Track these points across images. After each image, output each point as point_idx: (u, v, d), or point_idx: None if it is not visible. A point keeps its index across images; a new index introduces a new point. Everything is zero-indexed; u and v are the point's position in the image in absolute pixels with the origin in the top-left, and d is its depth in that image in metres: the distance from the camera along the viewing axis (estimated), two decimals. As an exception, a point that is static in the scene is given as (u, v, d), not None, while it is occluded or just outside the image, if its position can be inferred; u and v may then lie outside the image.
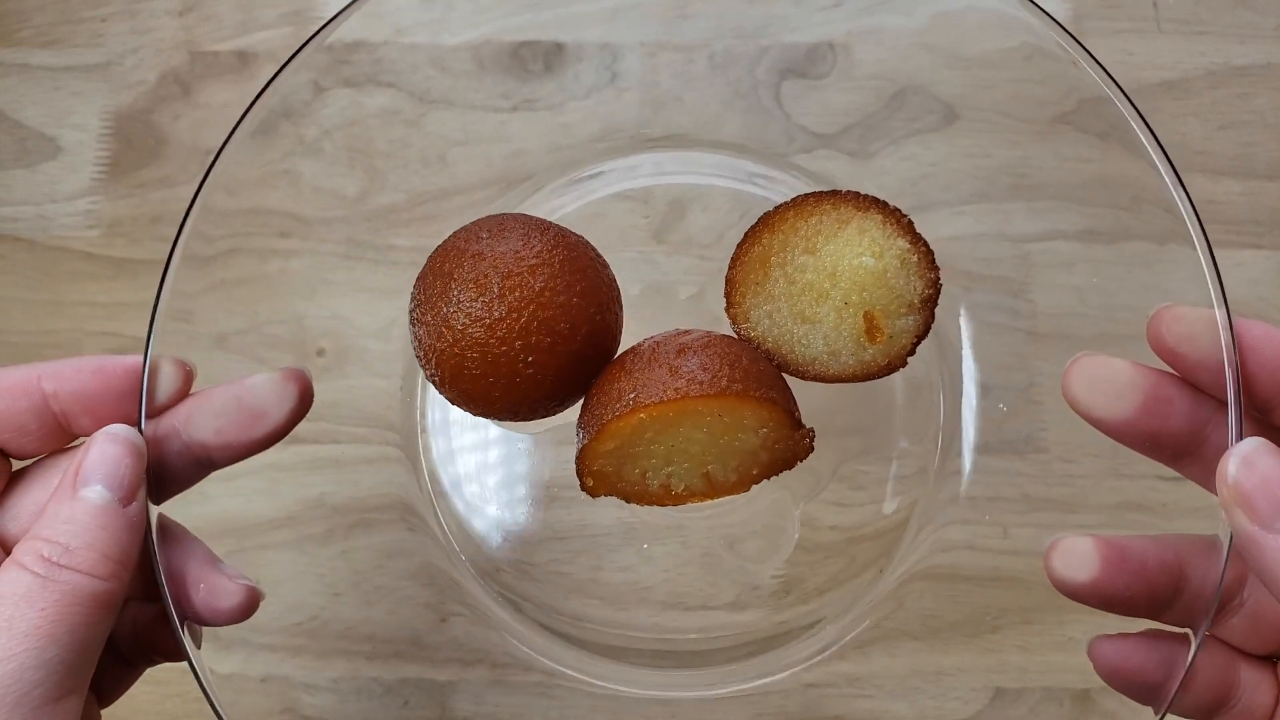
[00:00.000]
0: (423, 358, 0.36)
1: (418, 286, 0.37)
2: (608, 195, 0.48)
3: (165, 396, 0.32)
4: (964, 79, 0.45)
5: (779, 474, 0.35)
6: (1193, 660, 0.30)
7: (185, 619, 0.31)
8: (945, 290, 0.36)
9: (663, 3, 0.49)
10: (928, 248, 0.36)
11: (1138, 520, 0.43)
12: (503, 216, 0.38)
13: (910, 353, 0.36)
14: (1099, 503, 0.43)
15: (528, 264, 0.35)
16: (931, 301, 0.36)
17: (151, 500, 0.31)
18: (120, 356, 0.32)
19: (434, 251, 0.37)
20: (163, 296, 0.33)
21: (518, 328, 0.34)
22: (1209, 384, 0.30)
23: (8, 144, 0.50)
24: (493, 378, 0.35)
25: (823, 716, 0.43)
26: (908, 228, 0.36)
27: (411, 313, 0.37)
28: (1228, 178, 0.48)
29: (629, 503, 0.36)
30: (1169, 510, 0.43)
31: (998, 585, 0.44)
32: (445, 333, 0.35)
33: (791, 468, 0.35)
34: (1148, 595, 0.31)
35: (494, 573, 0.45)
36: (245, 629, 0.32)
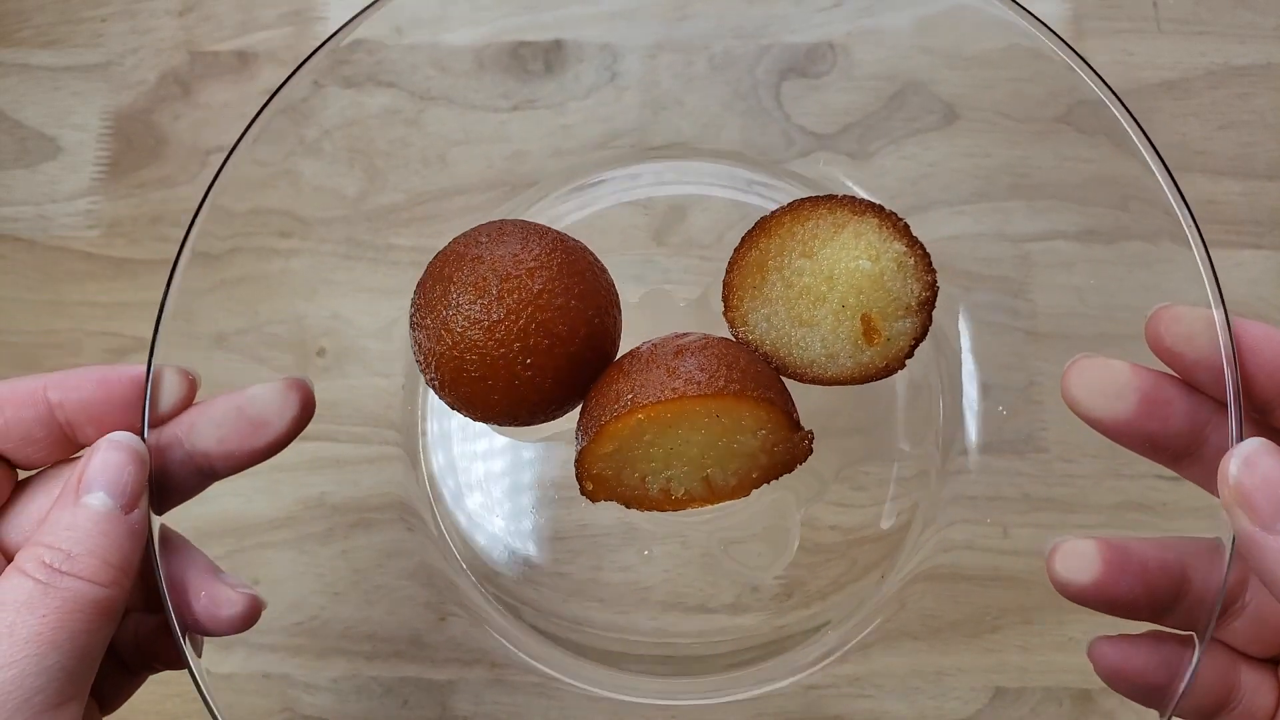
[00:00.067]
0: (422, 362, 0.36)
1: (417, 292, 0.37)
2: (609, 206, 0.48)
3: (169, 405, 0.32)
4: (964, 78, 0.45)
5: (779, 478, 0.36)
6: (1196, 666, 0.30)
7: (186, 628, 0.31)
8: (945, 290, 0.36)
9: (663, 3, 0.49)
10: (924, 251, 0.36)
11: (1138, 520, 0.43)
12: (501, 222, 0.38)
13: (908, 355, 0.36)
14: (1099, 502, 0.43)
15: (526, 267, 0.35)
16: (929, 304, 0.36)
17: (154, 510, 0.31)
18: (125, 366, 0.32)
19: (434, 257, 0.37)
20: (170, 296, 0.34)
21: (516, 330, 0.34)
22: (1208, 384, 0.30)
23: (8, 144, 0.50)
24: (491, 380, 0.35)
25: (823, 716, 0.43)
26: (904, 231, 0.36)
27: (411, 318, 0.37)
28: (1228, 178, 0.48)
29: (629, 508, 0.36)
30: (1169, 510, 0.43)
31: (998, 585, 0.44)
32: (444, 335, 0.35)
33: (791, 471, 0.35)
34: (1149, 597, 0.31)
35: (492, 576, 0.45)
36: (245, 628, 0.32)
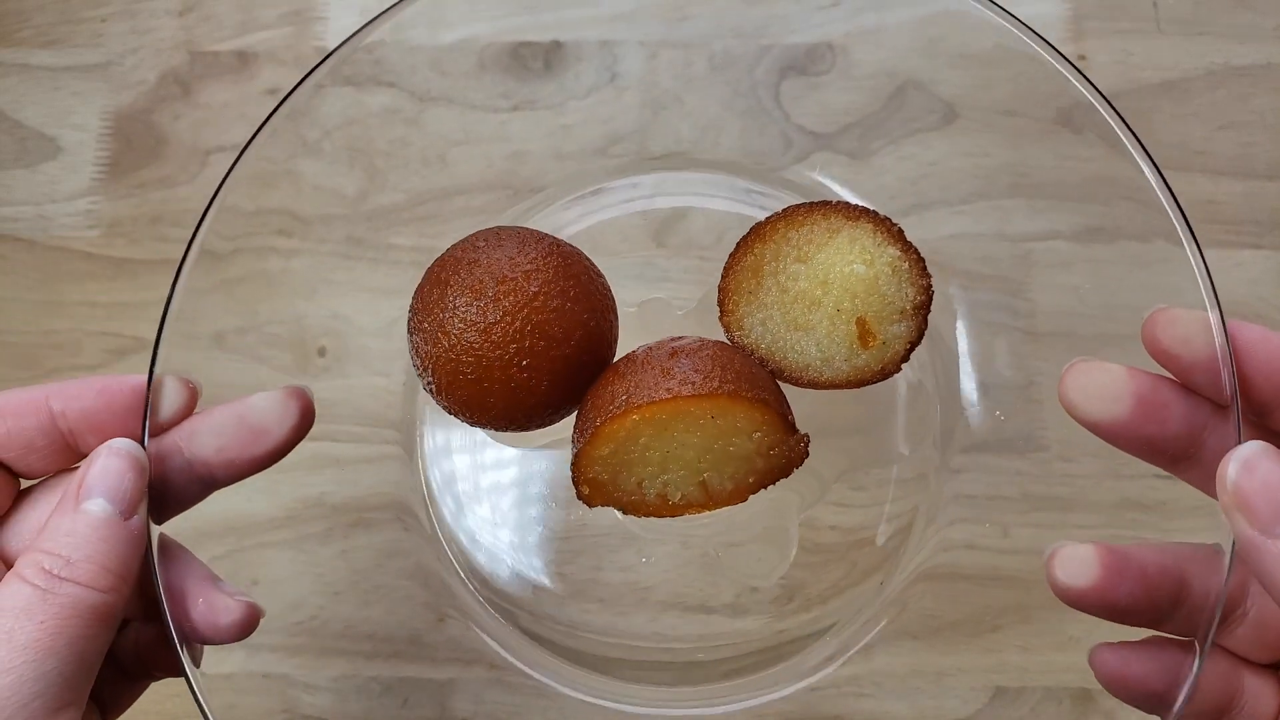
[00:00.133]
0: (419, 366, 0.37)
1: (415, 297, 0.37)
2: (610, 217, 0.49)
3: (169, 414, 0.32)
4: (963, 78, 0.45)
5: (776, 483, 0.36)
6: (1198, 672, 0.30)
7: (185, 636, 0.31)
8: (945, 290, 0.36)
9: (663, 3, 0.49)
10: (919, 255, 0.36)
11: (1138, 519, 0.43)
12: (498, 229, 0.38)
13: (904, 359, 0.37)
14: (1099, 501, 0.43)
15: (522, 270, 0.35)
16: (924, 308, 0.36)
17: (154, 519, 0.31)
18: (126, 375, 0.32)
19: (432, 263, 0.38)
20: (175, 295, 0.34)
21: (512, 332, 0.35)
22: (1205, 387, 0.30)
23: (8, 144, 0.50)
24: (487, 383, 0.35)
25: (823, 716, 0.43)
26: (898, 236, 0.36)
27: (409, 322, 0.37)
28: (1228, 178, 0.48)
29: (626, 514, 0.36)
30: (1169, 509, 0.43)
31: (998, 585, 0.44)
32: (441, 338, 0.35)
33: (787, 476, 0.36)
34: (1149, 603, 0.30)
35: (487, 580, 0.45)
36: (245, 628, 0.32)
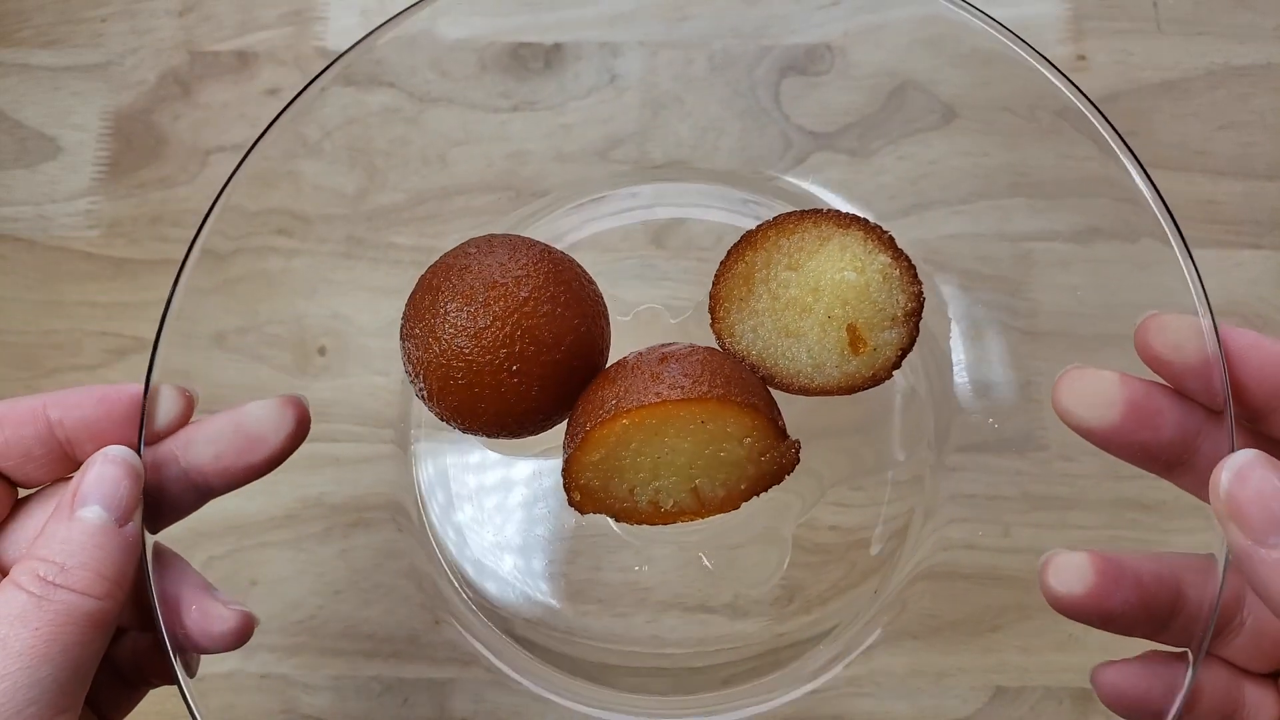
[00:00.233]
0: (412, 371, 0.37)
1: (408, 304, 0.38)
2: (609, 228, 0.49)
3: (166, 422, 0.32)
4: (963, 77, 0.45)
5: (768, 489, 0.36)
6: (1192, 681, 0.30)
7: (178, 644, 0.31)
8: (944, 289, 0.36)
9: (663, 3, 0.49)
10: (910, 263, 0.37)
11: (1137, 519, 0.43)
12: (490, 236, 0.38)
13: (895, 365, 0.37)
14: (1099, 501, 0.43)
15: (513, 275, 0.36)
16: (915, 315, 0.37)
17: (150, 527, 0.31)
18: (124, 384, 0.32)
19: (425, 270, 0.38)
20: (176, 295, 0.34)
21: (502, 336, 0.35)
22: (1198, 393, 0.30)
23: (8, 144, 0.50)
24: (478, 388, 0.35)
25: (822, 716, 0.43)
26: (889, 243, 0.37)
27: (401, 329, 0.38)
28: (1228, 178, 0.48)
29: (619, 521, 0.36)
30: (1169, 509, 0.43)
31: (998, 584, 0.44)
32: (432, 343, 0.35)
33: (779, 482, 0.36)
34: (1145, 611, 0.30)
35: (482, 585, 0.45)
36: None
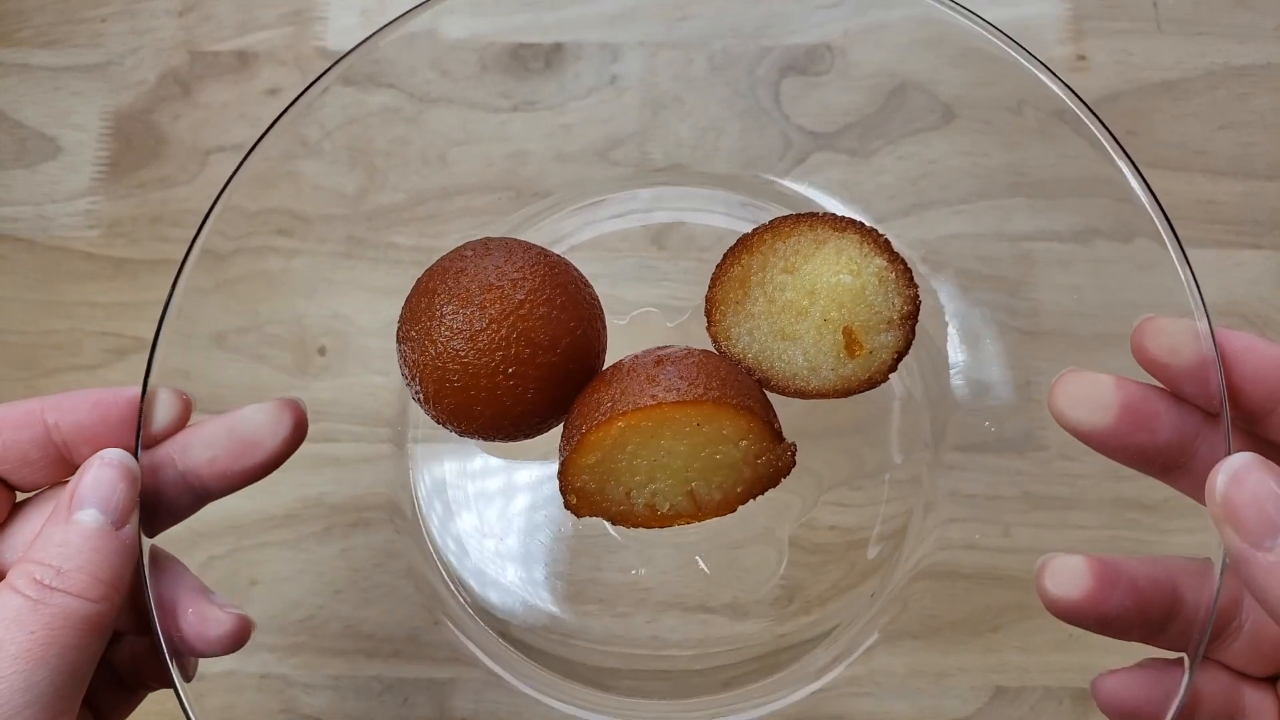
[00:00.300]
0: (408, 374, 0.37)
1: (404, 307, 0.38)
2: (609, 232, 0.49)
3: (162, 425, 0.32)
4: (962, 77, 0.45)
5: (764, 493, 0.36)
6: (1188, 685, 0.30)
7: (175, 648, 0.31)
8: (944, 288, 0.36)
9: (663, 3, 0.49)
10: (905, 266, 0.37)
11: (1137, 519, 0.43)
12: (487, 239, 0.38)
13: (891, 368, 0.37)
14: (1099, 501, 0.43)
15: (509, 278, 0.36)
16: (911, 318, 0.37)
17: (146, 532, 0.31)
18: (120, 388, 0.32)
19: (421, 274, 0.38)
20: (175, 294, 0.34)
21: (498, 339, 0.35)
22: (1194, 396, 0.30)
23: (8, 144, 0.50)
24: (474, 391, 0.35)
25: (822, 716, 0.43)
26: (885, 246, 0.37)
27: (397, 332, 0.38)
28: (1228, 178, 0.48)
29: (615, 524, 0.36)
30: (1169, 508, 0.43)
31: (998, 584, 0.44)
32: (428, 346, 0.35)
33: (775, 485, 0.36)
34: (1142, 615, 0.30)
35: (476, 590, 0.45)
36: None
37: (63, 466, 0.32)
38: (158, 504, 0.31)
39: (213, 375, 0.40)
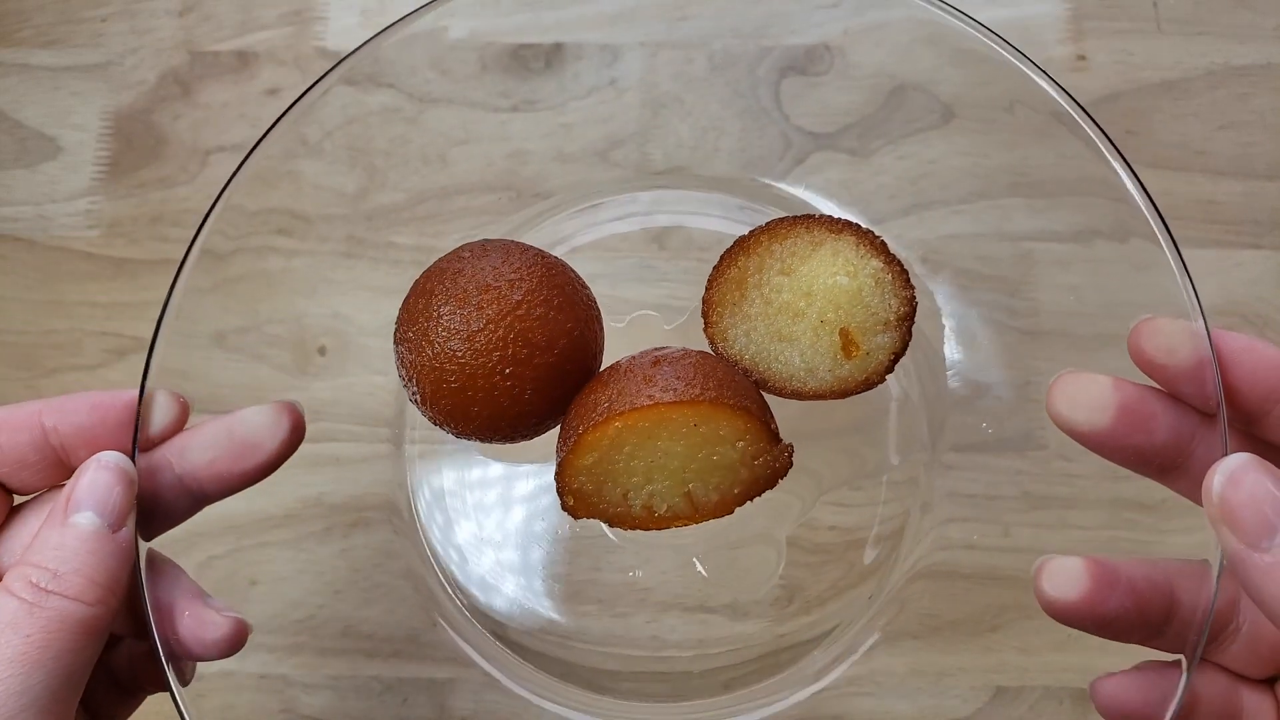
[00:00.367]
0: (405, 376, 0.37)
1: (401, 308, 0.38)
2: (609, 235, 0.49)
3: (160, 428, 0.32)
4: (962, 77, 0.45)
5: (761, 494, 0.36)
6: (1186, 686, 0.30)
7: (171, 651, 0.31)
8: (943, 288, 0.36)
9: (663, 3, 0.49)
10: (902, 267, 0.37)
11: (1137, 519, 0.43)
12: (484, 241, 0.38)
13: (888, 369, 0.37)
14: (1099, 500, 0.43)
15: (506, 279, 0.36)
16: (908, 319, 0.37)
17: (144, 535, 0.31)
18: (118, 391, 0.32)
19: (419, 275, 0.38)
20: (174, 294, 0.34)
21: (495, 339, 0.35)
22: (1191, 397, 0.30)
23: (8, 144, 0.50)
24: (471, 391, 0.35)
25: (822, 716, 0.43)
26: (881, 248, 0.37)
27: (395, 333, 0.38)
28: (1228, 178, 0.48)
29: (613, 526, 0.36)
30: (1168, 508, 0.43)
31: (998, 584, 0.44)
32: (425, 347, 0.35)
33: (772, 487, 0.36)
34: (1139, 616, 0.30)
35: (472, 593, 0.45)
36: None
37: (60, 469, 0.32)
38: (155, 507, 0.31)
39: (212, 375, 0.40)
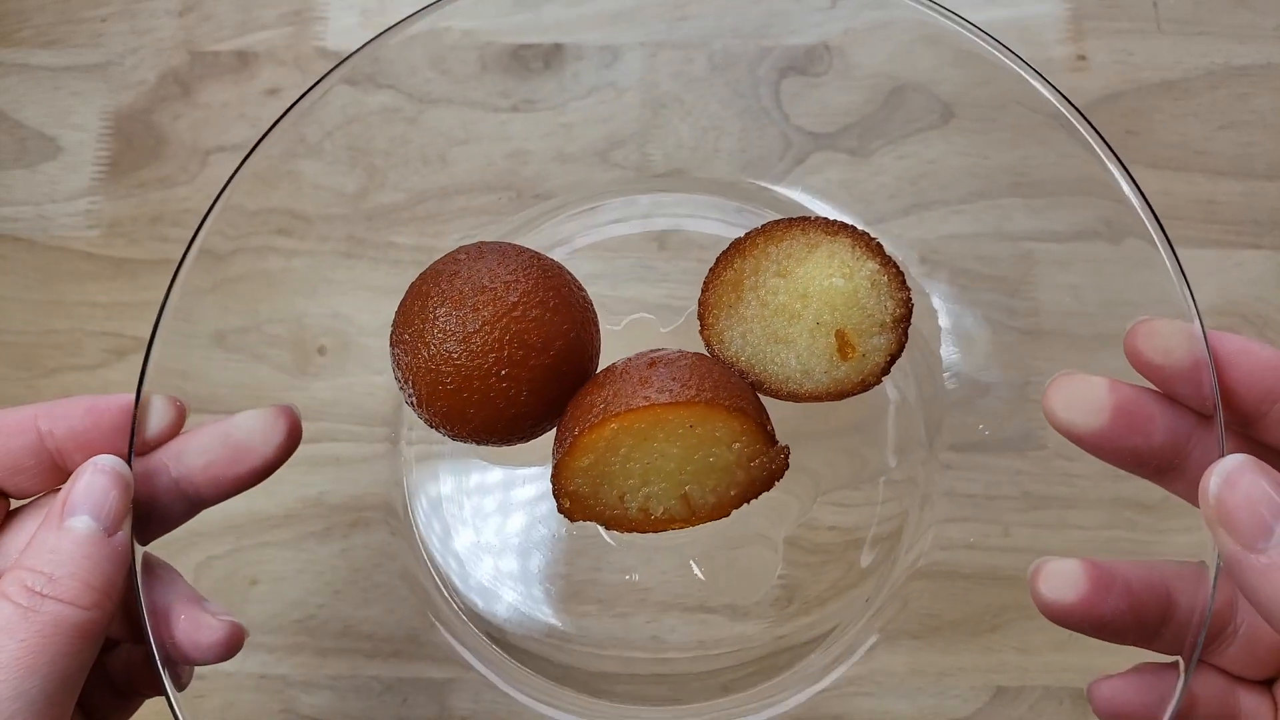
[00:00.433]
0: (401, 378, 0.37)
1: (398, 310, 0.38)
2: (609, 237, 0.49)
3: (156, 431, 0.32)
4: (961, 77, 0.45)
5: (757, 496, 0.35)
6: (1183, 688, 0.30)
7: (167, 655, 0.31)
8: (943, 287, 0.36)
9: (663, 3, 0.49)
10: (898, 269, 0.37)
11: (1136, 519, 0.43)
12: (481, 243, 0.38)
13: (884, 371, 0.37)
14: (1098, 500, 0.43)
15: (502, 281, 0.36)
16: (904, 320, 0.37)
17: (140, 539, 0.31)
18: (114, 395, 0.32)
19: (416, 278, 0.38)
20: (172, 294, 0.34)
21: (491, 341, 0.35)
22: (1188, 398, 0.30)
23: (8, 144, 0.50)
24: (467, 393, 0.35)
25: (823, 716, 0.43)
26: (877, 250, 0.37)
27: (391, 336, 0.38)
28: (1228, 178, 0.48)
29: (609, 529, 0.36)
30: (1167, 508, 0.42)
31: (998, 584, 0.44)
32: (421, 349, 0.35)
33: (769, 489, 0.35)
34: (1136, 618, 0.30)
35: (469, 595, 0.45)
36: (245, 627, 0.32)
37: (57, 473, 0.32)
38: (151, 511, 0.31)
39: (212, 375, 0.40)
